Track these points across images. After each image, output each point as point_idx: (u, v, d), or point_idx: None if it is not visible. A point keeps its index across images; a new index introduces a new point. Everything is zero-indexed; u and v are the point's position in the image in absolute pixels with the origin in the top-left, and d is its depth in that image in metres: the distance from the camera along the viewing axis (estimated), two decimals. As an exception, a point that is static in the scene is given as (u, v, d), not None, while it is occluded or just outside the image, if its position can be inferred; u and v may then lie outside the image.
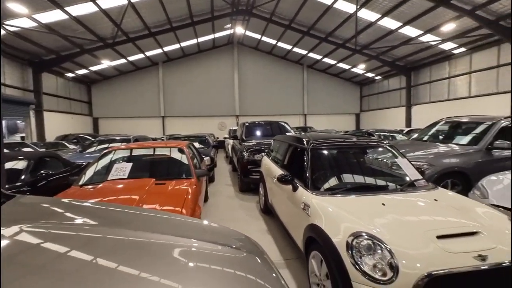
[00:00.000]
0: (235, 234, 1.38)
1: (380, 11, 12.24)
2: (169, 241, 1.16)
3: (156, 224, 1.41)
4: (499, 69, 12.15)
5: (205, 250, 1.14)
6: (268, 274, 1.01)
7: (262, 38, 18.98)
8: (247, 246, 1.22)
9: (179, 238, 1.22)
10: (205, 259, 1.04)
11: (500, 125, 4.81)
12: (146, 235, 1.20)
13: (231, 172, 9.05)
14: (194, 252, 1.09)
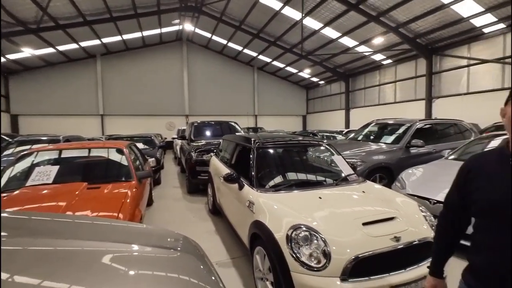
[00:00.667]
0: (172, 235, 1.33)
1: (323, 21, 13.25)
2: (100, 247, 1.07)
3: (88, 231, 1.29)
4: (416, 80, 14.30)
5: (137, 253, 1.09)
6: (203, 273, 1.00)
7: (213, 37, 18.75)
8: (183, 246, 1.19)
9: (111, 244, 1.14)
10: (136, 263, 0.99)
11: (416, 126, 5.66)
12: (75, 243, 1.10)
13: (180, 174, 8.70)
14: (126, 257, 1.03)
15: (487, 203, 0.94)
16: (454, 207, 1.11)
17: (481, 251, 0.97)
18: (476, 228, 1.01)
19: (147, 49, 19.64)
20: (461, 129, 6.29)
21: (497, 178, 0.93)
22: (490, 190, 0.94)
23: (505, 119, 0.94)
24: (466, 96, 11.99)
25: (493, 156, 1.00)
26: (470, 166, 1.05)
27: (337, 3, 11.51)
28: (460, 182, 1.07)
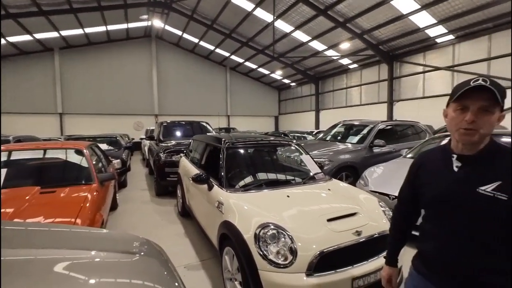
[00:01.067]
0: (134, 239, 1.27)
1: (293, 24, 13.59)
2: (56, 255, 1.00)
3: (43, 238, 1.19)
4: (379, 84, 15.26)
5: (97, 259, 1.02)
6: (165, 278, 0.96)
7: (184, 35, 18.29)
8: (145, 250, 1.14)
9: (68, 251, 1.06)
10: (95, 269, 0.93)
11: (378, 127, 6.05)
12: (27, 252, 1.02)
13: (148, 176, 8.35)
14: (84, 264, 0.96)
15: (432, 196, 1.04)
16: (406, 200, 1.20)
17: (429, 240, 1.06)
18: (425, 219, 1.10)
19: (113, 45, 18.56)
20: (417, 130, 6.84)
21: (440, 174, 1.03)
22: (435, 184, 1.03)
23: (447, 119, 1.02)
24: (422, 100, 13.07)
25: (438, 154, 1.08)
26: (419, 162, 1.14)
27: (307, 7, 11.87)
28: (410, 178, 1.16)
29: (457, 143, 0.99)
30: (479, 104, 0.89)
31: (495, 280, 0.90)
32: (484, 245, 0.92)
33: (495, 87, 0.88)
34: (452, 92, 0.97)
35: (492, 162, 0.94)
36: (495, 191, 0.88)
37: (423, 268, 1.07)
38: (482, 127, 0.90)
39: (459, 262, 0.95)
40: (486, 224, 0.91)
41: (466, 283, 0.93)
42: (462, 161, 0.98)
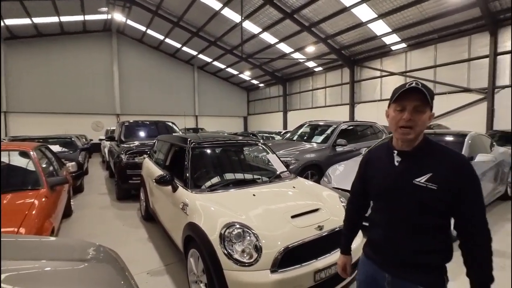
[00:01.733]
0: (86, 245, 1.18)
1: (261, 26, 13.76)
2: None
3: None
4: (342, 87, 16.12)
5: (44, 269, 0.93)
6: (116, 283, 0.91)
7: (148, 31, 17.48)
8: (96, 256, 1.06)
9: (9, 262, 0.94)
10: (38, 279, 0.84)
11: (340, 128, 6.38)
12: None
13: (108, 179, 7.82)
14: (27, 275, 0.86)
15: (378, 189, 1.15)
16: (357, 194, 1.32)
17: (376, 228, 1.18)
18: (372, 209, 1.22)
19: (67, 37, 17.05)
20: (375, 130, 7.35)
21: (384, 168, 1.14)
22: (380, 178, 1.15)
23: (389, 119, 1.13)
24: (380, 102, 14.08)
25: (383, 150, 1.19)
26: (367, 158, 1.27)
27: (274, 10, 12.11)
28: (361, 172, 1.28)
29: (397, 140, 1.10)
30: (413, 104, 1.01)
31: (428, 259, 1.04)
32: (420, 229, 1.04)
33: (426, 89, 1.01)
34: (392, 94, 1.07)
35: (426, 156, 1.06)
36: (427, 182, 1.00)
37: (371, 253, 1.19)
38: (416, 125, 1.02)
39: (399, 244, 1.07)
40: (421, 211, 1.03)
41: (404, 262, 1.06)
42: (402, 156, 1.09)
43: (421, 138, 1.08)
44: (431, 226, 1.03)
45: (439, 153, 1.06)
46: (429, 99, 1.01)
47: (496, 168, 4.47)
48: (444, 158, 1.04)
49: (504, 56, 9.87)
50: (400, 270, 1.07)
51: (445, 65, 11.48)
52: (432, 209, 1.01)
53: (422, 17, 10.44)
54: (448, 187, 0.99)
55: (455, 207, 1.00)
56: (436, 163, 1.02)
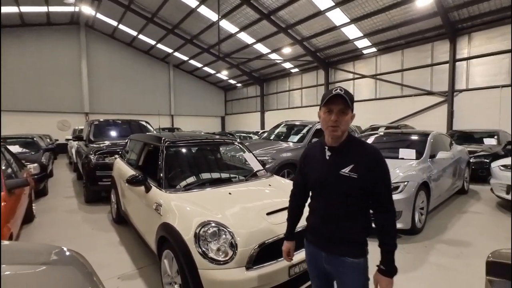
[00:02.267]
0: (49, 248, 1.10)
1: (238, 25, 13.74)
2: None
3: None
4: (317, 88, 16.58)
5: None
6: (80, 285, 0.86)
7: (120, 26, 16.70)
8: (60, 258, 1.00)
9: None
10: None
11: (315, 127, 6.55)
12: None
13: (76, 182, 7.37)
14: None
15: (313, 180, 1.33)
16: (299, 185, 1.49)
17: (313, 214, 1.38)
18: (312, 198, 1.41)
19: (29, 30, 15.76)
20: (348, 130, 7.64)
21: (318, 162, 1.32)
22: (315, 170, 1.33)
23: (320, 120, 1.28)
24: (352, 103, 14.68)
25: (318, 147, 1.37)
26: (305, 154, 1.45)
27: (251, 10, 12.14)
28: (301, 167, 1.45)
29: (327, 137, 1.28)
30: (338, 108, 1.20)
31: (354, 236, 1.26)
32: (348, 211, 1.25)
33: (347, 95, 1.20)
34: (322, 99, 1.25)
35: (349, 150, 1.26)
36: (350, 172, 1.21)
37: (311, 237, 1.39)
38: (341, 124, 1.21)
39: (333, 225, 1.28)
40: (347, 196, 1.24)
41: (337, 240, 1.28)
42: (331, 151, 1.28)
43: (346, 135, 1.28)
44: (356, 209, 1.25)
45: (359, 147, 1.27)
46: (350, 103, 1.20)
47: (455, 164, 4.86)
48: (363, 151, 1.25)
49: (461, 62, 10.76)
50: (333, 248, 1.28)
51: (411, 69, 12.25)
52: (355, 194, 1.23)
53: (390, 23, 11.06)
54: (366, 176, 1.20)
55: (372, 191, 1.22)
56: (357, 156, 1.23)
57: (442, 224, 3.85)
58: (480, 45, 10.26)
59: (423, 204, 3.72)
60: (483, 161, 6.49)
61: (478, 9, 9.46)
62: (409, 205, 3.37)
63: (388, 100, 13.11)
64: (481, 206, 4.71)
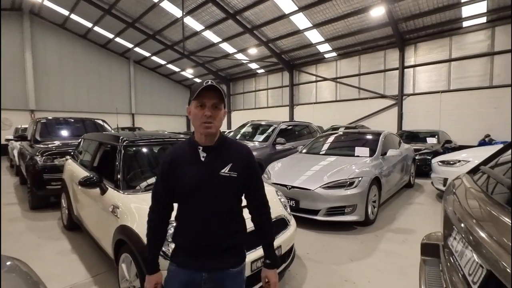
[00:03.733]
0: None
1: (204, 23, 13.52)
2: None
3: None
4: (283, 89, 17.04)
5: None
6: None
7: (72, 16, 15.31)
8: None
9: None
10: None
11: (280, 127, 6.75)
12: None
13: (20, 186, 6.60)
14: None
15: (188, 186, 1.13)
16: (161, 198, 1.20)
17: (186, 229, 1.16)
18: (183, 213, 1.17)
19: (-43, 13, 13.68)
20: (311, 130, 8.01)
21: (191, 166, 1.14)
22: (188, 175, 1.13)
23: (191, 116, 1.15)
24: (315, 104, 15.39)
25: (186, 149, 1.19)
26: (170, 159, 1.17)
27: (217, 9, 12.04)
28: (165, 173, 1.17)
29: (200, 136, 1.15)
30: (212, 102, 1.10)
31: (236, 240, 1.17)
32: (229, 215, 1.16)
33: (221, 87, 1.12)
34: (192, 92, 1.12)
35: (225, 149, 1.18)
36: (230, 171, 1.13)
37: (185, 259, 1.15)
38: (216, 120, 1.11)
39: (217, 233, 1.13)
40: (228, 198, 1.16)
41: (221, 250, 1.15)
42: (207, 151, 1.15)
43: (219, 134, 1.18)
44: (236, 211, 1.20)
45: (233, 146, 1.21)
46: (224, 96, 1.12)
47: (402, 161, 5.39)
48: (238, 149, 1.20)
49: (409, 69, 11.93)
50: (216, 261, 1.13)
51: (367, 74, 13.24)
52: (235, 195, 1.19)
53: (348, 30, 11.83)
54: (244, 174, 1.15)
55: (248, 189, 1.21)
56: (233, 154, 1.17)
57: (392, 215, 4.25)
58: (424, 55, 11.49)
59: (375, 198, 4.06)
60: (426, 158, 7.29)
61: (423, 22, 10.58)
62: (363, 199, 3.66)
63: (347, 102, 14.00)
64: (424, 198, 5.29)
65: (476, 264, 0.83)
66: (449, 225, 1.19)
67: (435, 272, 1.37)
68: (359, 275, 2.54)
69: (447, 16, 9.98)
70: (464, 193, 1.23)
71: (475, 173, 1.43)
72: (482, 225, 0.88)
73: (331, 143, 5.48)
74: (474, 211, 1.02)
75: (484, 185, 1.16)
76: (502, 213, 0.87)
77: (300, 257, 2.91)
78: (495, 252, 0.74)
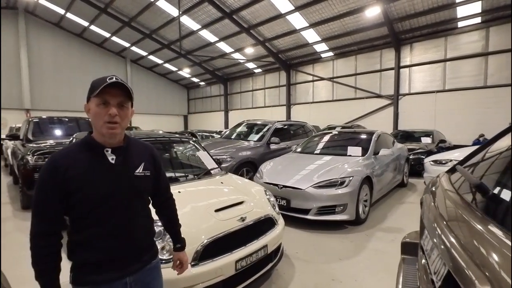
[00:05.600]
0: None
1: (200, 23, 13.50)
2: None
3: None
4: (280, 88, 17.05)
5: None
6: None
7: (68, 15, 15.26)
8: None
9: None
10: None
11: (275, 127, 6.75)
12: None
13: (12, 186, 6.57)
14: None
15: (97, 194, 0.99)
16: (57, 214, 0.98)
17: (101, 242, 1.01)
18: (86, 225, 1.00)
19: (-49, 11, 13.57)
20: (306, 129, 8.01)
21: (99, 171, 1.01)
22: (97, 181, 0.99)
23: (90, 114, 1.02)
24: (312, 104, 15.41)
25: (85, 153, 1.02)
26: (65, 165, 0.97)
27: (213, 8, 12.03)
28: (57, 186, 0.96)
29: (101, 138, 1.03)
30: (118, 100, 1.00)
31: (149, 238, 1.19)
32: (143, 215, 1.15)
33: (127, 85, 1.03)
34: (92, 87, 1.00)
35: (134, 149, 1.14)
36: (144, 171, 1.12)
37: (98, 274, 1.01)
38: (123, 120, 1.02)
39: (136, 237, 1.09)
40: (142, 198, 1.15)
41: (142, 251, 1.13)
42: (116, 153, 1.05)
43: (124, 135, 1.11)
44: (148, 208, 1.20)
45: (139, 145, 1.19)
46: (131, 94, 1.05)
47: (395, 161, 5.41)
48: (144, 148, 1.20)
49: (405, 69, 11.98)
50: (139, 263, 1.10)
51: (363, 74, 13.28)
52: (148, 194, 1.21)
53: (345, 30, 11.85)
54: (154, 171, 1.19)
55: (157, 185, 1.24)
56: (142, 154, 1.16)
57: (383, 215, 4.26)
58: (420, 55, 11.54)
59: (366, 197, 4.07)
60: (420, 157, 7.32)
61: (418, 22, 10.62)
62: (354, 198, 3.67)
63: (343, 102, 14.04)
64: (416, 197, 5.31)
65: (440, 263, 0.83)
66: (422, 224, 1.20)
67: (413, 270, 1.38)
68: (347, 274, 2.56)
69: (442, 16, 10.02)
70: (438, 191, 1.24)
71: (453, 172, 1.44)
72: (448, 224, 0.89)
73: (324, 142, 5.49)
74: (443, 210, 1.02)
75: (457, 184, 1.17)
76: (468, 213, 0.88)
77: (289, 256, 2.91)
78: (455, 251, 0.74)
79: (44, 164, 0.99)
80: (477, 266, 0.63)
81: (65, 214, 1.00)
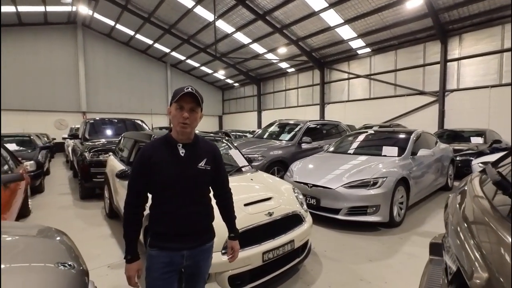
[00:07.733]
0: (37, 226, 1.27)
1: (234, 25, 13.89)
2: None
3: None
4: (313, 87, 16.75)
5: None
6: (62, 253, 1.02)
7: (117, 26, 16.82)
8: (45, 234, 1.16)
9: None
10: None
11: (306, 126, 6.73)
12: None
13: (72, 179, 7.52)
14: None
15: (168, 178, 1.27)
16: (140, 192, 1.30)
17: (168, 217, 1.29)
18: (160, 202, 1.31)
19: (26, 29, 15.84)
20: (339, 129, 7.81)
21: (172, 160, 1.30)
22: (169, 169, 1.28)
23: (171, 116, 1.31)
24: (347, 103, 14.87)
25: (164, 146, 1.33)
26: (149, 155, 1.29)
27: (246, 11, 12.29)
28: (144, 169, 1.28)
29: (177, 134, 1.32)
30: (190, 106, 1.28)
31: (208, 221, 1.42)
32: (203, 201, 1.39)
33: (198, 94, 1.30)
34: (174, 95, 1.29)
35: (200, 146, 1.39)
36: (205, 165, 1.36)
37: (165, 243, 1.29)
38: (192, 122, 1.29)
39: (194, 217, 1.34)
40: (202, 187, 1.39)
41: (198, 231, 1.37)
42: (185, 148, 1.33)
43: (194, 134, 1.37)
44: (208, 197, 1.42)
45: (205, 143, 1.43)
46: (200, 102, 1.31)
47: (437, 162, 5.04)
48: (208, 146, 1.43)
49: (453, 63, 10.95)
50: (196, 241, 1.35)
51: (404, 70, 12.44)
52: (208, 184, 1.43)
53: (383, 24, 11.24)
54: (214, 166, 1.40)
55: (217, 179, 1.45)
56: (206, 150, 1.40)
57: (421, 219, 4.03)
58: (470, 46, 10.46)
59: (402, 199, 3.89)
60: (469, 159, 6.67)
61: (468, 10, 9.65)
62: (387, 200, 3.54)
63: (381, 100, 13.31)
64: (462, 202, 4.89)
65: (454, 260, 0.85)
66: (446, 223, 1.18)
67: (438, 271, 1.36)
68: (376, 276, 2.51)
69: (497, 2, 8.97)
70: (467, 192, 1.21)
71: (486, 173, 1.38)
72: (467, 224, 0.89)
73: (359, 142, 5.34)
74: (466, 209, 1.02)
75: (484, 185, 1.14)
76: (489, 214, 0.88)
77: (317, 254, 2.94)
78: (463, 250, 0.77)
79: (137, 153, 1.36)
80: (484, 261, 0.65)
81: (149, 191, 1.32)
